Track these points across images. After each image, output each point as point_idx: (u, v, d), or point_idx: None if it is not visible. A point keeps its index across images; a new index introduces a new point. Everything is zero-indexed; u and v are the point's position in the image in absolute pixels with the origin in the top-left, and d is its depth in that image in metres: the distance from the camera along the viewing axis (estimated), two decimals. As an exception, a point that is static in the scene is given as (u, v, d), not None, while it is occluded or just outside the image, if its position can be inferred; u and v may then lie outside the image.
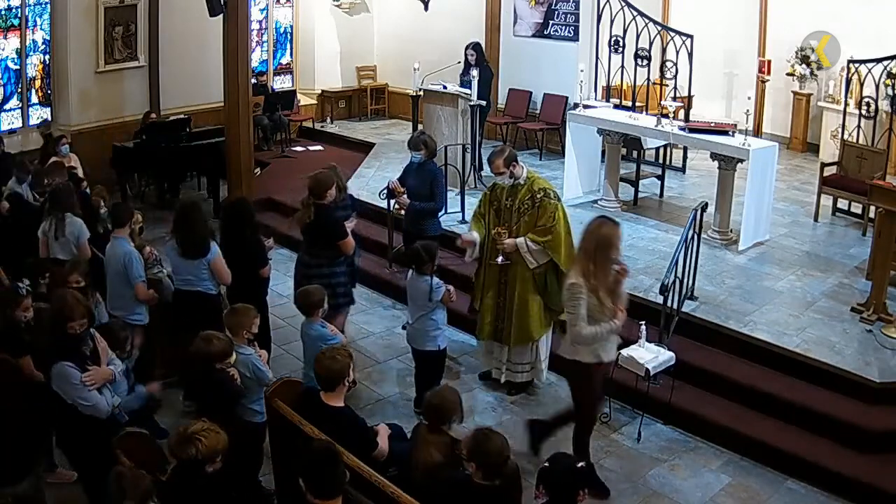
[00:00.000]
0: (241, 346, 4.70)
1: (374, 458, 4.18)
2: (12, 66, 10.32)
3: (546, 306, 5.93)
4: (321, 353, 4.31)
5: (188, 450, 3.53)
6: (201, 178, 11.10)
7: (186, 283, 5.66)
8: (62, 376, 4.25)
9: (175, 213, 5.83)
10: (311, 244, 6.08)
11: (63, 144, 9.26)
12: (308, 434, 4.03)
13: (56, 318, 4.36)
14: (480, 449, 3.60)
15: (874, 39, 9.36)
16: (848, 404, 5.50)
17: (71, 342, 4.31)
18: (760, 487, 5.18)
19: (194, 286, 5.63)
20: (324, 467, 3.31)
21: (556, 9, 10.92)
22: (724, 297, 6.73)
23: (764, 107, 11.45)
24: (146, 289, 5.64)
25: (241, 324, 4.75)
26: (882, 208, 6.35)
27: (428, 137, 7.12)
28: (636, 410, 5.89)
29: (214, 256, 5.61)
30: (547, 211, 5.76)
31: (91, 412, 4.27)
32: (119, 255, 5.59)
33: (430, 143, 7.03)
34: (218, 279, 5.69)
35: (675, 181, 9.80)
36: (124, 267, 5.54)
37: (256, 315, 4.85)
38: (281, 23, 13.44)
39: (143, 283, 5.60)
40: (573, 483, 3.42)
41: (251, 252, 5.89)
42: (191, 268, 5.61)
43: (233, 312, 4.87)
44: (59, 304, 4.41)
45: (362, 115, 13.93)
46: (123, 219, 5.77)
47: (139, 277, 5.57)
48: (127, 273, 5.54)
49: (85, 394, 4.26)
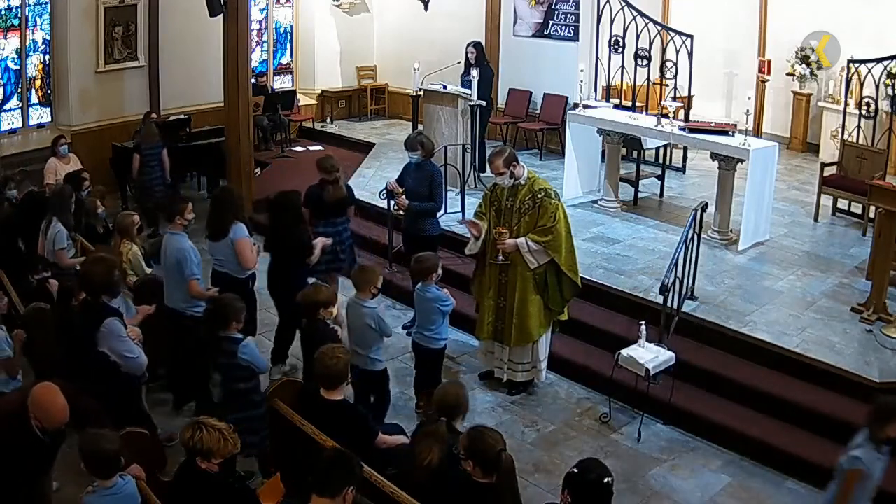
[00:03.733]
0: (366, 300, 5.31)
1: (376, 445, 4.23)
2: (12, 66, 10.31)
3: (546, 306, 5.94)
4: (322, 353, 4.33)
5: (187, 433, 3.59)
6: (201, 178, 11.11)
7: (219, 263, 6.04)
8: (113, 331, 4.62)
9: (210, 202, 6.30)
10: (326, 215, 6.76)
11: (62, 144, 9.27)
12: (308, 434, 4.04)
13: (106, 279, 4.74)
14: (476, 447, 3.63)
15: (874, 39, 9.37)
16: (848, 404, 5.50)
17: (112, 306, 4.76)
18: (760, 487, 5.19)
19: (224, 267, 6.00)
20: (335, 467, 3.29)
21: (556, 9, 10.92)
22: (724, 297, 6.73)
23: (764, 107, 11.44)
24: (199, 286, 5.70)
25: (368, 280, 5.31)
26: (882, 208, 6.35)
27: (425, 137, 7.12)
28: (636, 410, 5.89)
29: (238, 237, 5.88)
30: (548, 211, 5.77)
31: (133, 365, 4.67)
32: (173, 250, 5.64)
33: (427, 144, 7.02)
34: (239, 260, 5.90)
35: (675, 181, 9.81)
36: (178, 263, 5.61)
37: (381, 274, 5.42)
38: (281, 23, 13.43)
39: (196, 280, 5.67)
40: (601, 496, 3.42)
41: (297, 240, 6.12)
42: (219, 249, 5.99)
43: (361, 270, 5.49)
44: (108, 267, 4.82)
45: (362, 115, 13.92)
46: (173, 214, 5.79)
47: (193, 275, 5.64)
48: (181, 268, 5.60)
49: (131, 345, 4.70)
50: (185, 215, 5.76)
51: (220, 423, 3.65)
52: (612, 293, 6.90)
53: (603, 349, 6.33)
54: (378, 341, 5.39)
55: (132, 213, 6.83)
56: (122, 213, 6.86)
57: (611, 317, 6.73)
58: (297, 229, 6.20)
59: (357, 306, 5.34)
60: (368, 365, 5.37)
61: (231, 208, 6.01)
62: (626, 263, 7.40)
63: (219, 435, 3.57)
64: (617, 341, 6.13)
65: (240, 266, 5.96)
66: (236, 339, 4.81)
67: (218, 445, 3.56)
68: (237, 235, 5.91)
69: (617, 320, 6.64)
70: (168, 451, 5.31)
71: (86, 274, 4.85)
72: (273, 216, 6.34)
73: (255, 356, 4.88)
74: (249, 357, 4.81)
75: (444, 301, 5.71)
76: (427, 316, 5.77)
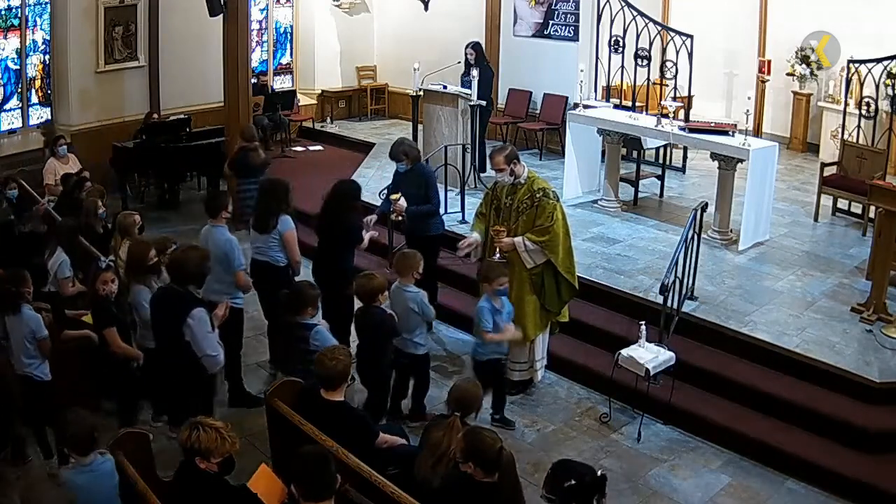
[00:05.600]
0: (408, 285, 5.48)
1: (377, 445, 4.23)
2: (12, 66, 10.32)
3: (542, 306, 5.94)
4: (323, 354, 4.35)
5: (185, 433, 3.59)
6: (201, 178, 11.11)
7: (258, 251, 6.21)
8: (203, 321, 4.70)
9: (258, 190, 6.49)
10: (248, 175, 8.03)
11: (61, 145, 9.27)
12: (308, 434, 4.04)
13: (200, 267, 4.87)
14: (475, 448, 3.62)
15: (874, 39, 9.37)
16: (848, 404, 5.50)
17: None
18: (760, 487, 5.18)
19: (263, 255, 6.17)
20: (315, 470, 3.31)
21: (556, 9, 10.91)
22: (724, 297, 6.73)
23: (764, 107, 11.45)
24: (245, 276, 5.88)
25: (410, 265, 5.49)
26: (882, 208, 6.35)
27: (407, 146, 6.99)
28: (636, 410, 5.89)
29: (285, 230, 6.07)
30: (545, 210, 5.77)
31: (213, 363, 4.75)
32: (220, 242, 5.74)
33: (411, 151, 6.94)
34: (287, 252, 6.12)
35: (675, 181, 9.80)
36: (225, 254, 5.70)
37: (422, 258, 5.58)
38: (281, 23, 13.44)
39: (243, 270, 5.84)
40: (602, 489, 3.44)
41: (347, 228, 6.22)
42: (261, 239, 6.16)
43: (403, 256, 5.64)
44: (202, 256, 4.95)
45: (362, 115, 13.93)
46: (217, 209, 5.93)
47: (240, 265, 5.81)
48: (228, 259, 5.73)
49: (215, 342, 4.79)
50: (228, 209, 5.99)
51: (217, 423, 3.66)
52: (612, 293, 6.89)
53: (603, 349, 6.33)
54: (421, 325, 5.57)
55: (133, 212, 6.83)
56: (122, 213, 6.85)
57: (611, 317, 6.73)
58: (347, 215, 6.26)
59: (400, 291, 5.52)
60: (410, 348, 5.57)
61: (278, 200, 6.14)
62: (626, 263, 7.40)
63: (216, 434, 3.58)
64: (617, 341, 6.13)
65: (282, 255, 6.14)
66: (309, 325, 5.13)
67: (216, 445, 3.57)
68: (284, 228, 6.10)
69: (617, 320, 6.63)
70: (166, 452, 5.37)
71: (181, 261, 4.89)
72: (327, 202, 6.38)
73: (327, 341, 5.08)
74: (321, 342, 5.03)
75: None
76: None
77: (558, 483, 3.44)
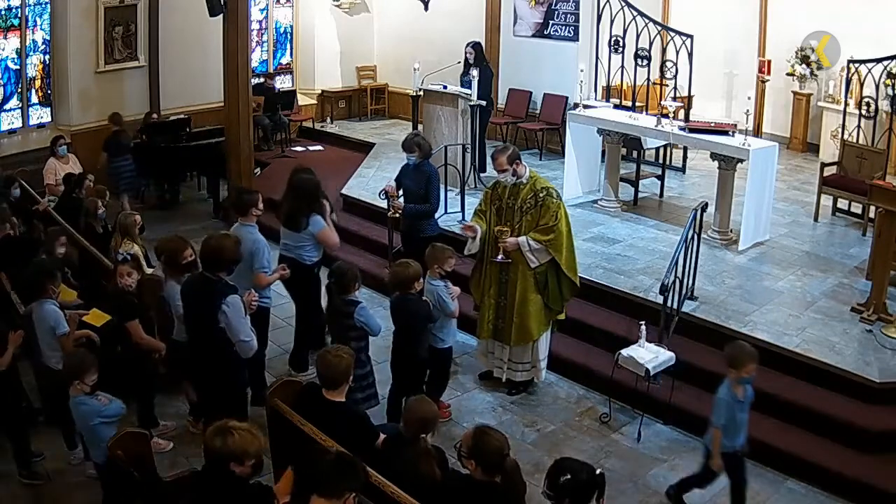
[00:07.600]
0: (432, 279, 5.58)
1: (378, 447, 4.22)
2: (12, 66, 10.32)
3: (545, 305, 5.94)
4: (325, 352, 4.34)
5: (216, 441, 3.41)
6: (201, 178, 11.11)
7: (286, 248, 6.29)
8: (238, 307, 4.70)
9: (287, 185, 6.38)
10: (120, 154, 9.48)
11: (61, 145, 9.27)
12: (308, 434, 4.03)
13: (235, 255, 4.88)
14: (480, 447, 3.62)
15: (874, 39, 9.36)
16: (848, 404, 5.51)
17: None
18: (760, 487, 5.18)
19: (291, 252, 6.24)
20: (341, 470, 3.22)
21: (556, 9, 10.92)
22: (724, 297, 6.73)
23: (764, 107, 11.46)
24: (267, 277, 5.83)
25: (436, 259, 5.59)
26: (882, 208, 6.35)
27: (421, 139, 7.09)
28: (636, 410, 5.90)
29: (317, 230, 6.16)
30: (549, 210, 5.78)
31: (248, 348, 4.73)
32: (248, 241, 5.65)
33: (424, 145, 7.01)
34: (325, 248, 6.30)
35: (675, 181, 9.81)
36: (251, 254, 5.65)
37: (452, 254, 5.67)
38: (281, 23, 13.44)
39: (265, 272, 5.79)
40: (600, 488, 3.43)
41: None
42: (290, 237, 6.23)
43: (432, 248, 5.71)
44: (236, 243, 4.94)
45: (362, 115, 13.93)
46: (246, 207, 5.85)
47: (262, 267, 5.77)
48: (253, 259, 5.68)
49: (248, 328, 4.77)
50: (259, 206, 5.92)
51: (243, 424, 3.52)
52: (612, 293, 6.90)
53: (603, 349, 6.34)
54: (444, 319, 5.62)
55: (133, 212, 6.82)
56: (123, 213, 6.85)
57: (611, 317, 6.73)
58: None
59: (426, 283, 5.59)
60: (432, 342, 5.63)
61: (309, 200, 6.19)
62: (626, 263, 7.41)
63: (249, 435, 3.44)
64: (617, 341, 6.14)
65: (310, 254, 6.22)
66: (354, 302, 5.32)
67: (251, 446, 3.43)
68: (316, 228, 6.16)
69: (617, 320, 6.64)
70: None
71: (217, 248, 4.82)
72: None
73: (370, 319, 5.33)
74: (364, 319, 5.29)
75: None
76: None
77: (555, 479, 3.44)
